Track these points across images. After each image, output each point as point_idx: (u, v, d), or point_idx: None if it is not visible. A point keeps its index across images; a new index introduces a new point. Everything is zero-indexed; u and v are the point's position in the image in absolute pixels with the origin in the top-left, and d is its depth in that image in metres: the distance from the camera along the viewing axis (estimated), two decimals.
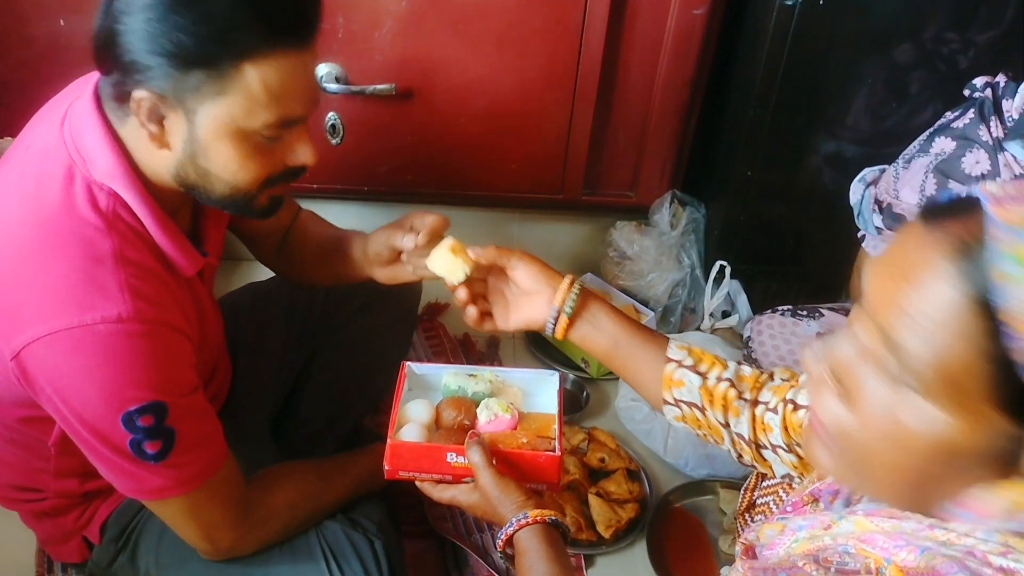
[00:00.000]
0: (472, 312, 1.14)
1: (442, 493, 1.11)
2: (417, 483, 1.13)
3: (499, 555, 1.04)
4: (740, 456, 1.07)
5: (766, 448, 1.03)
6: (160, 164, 0.98)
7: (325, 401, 1.50)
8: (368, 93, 1.77)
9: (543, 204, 2.06)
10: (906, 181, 1.39)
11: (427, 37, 1.75)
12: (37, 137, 1.02)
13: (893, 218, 1.41)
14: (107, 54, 0.92)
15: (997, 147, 1.29)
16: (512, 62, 1.79)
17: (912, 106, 1.70)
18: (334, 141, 1.85)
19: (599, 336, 1.10)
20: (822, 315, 1.66)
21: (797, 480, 1.03)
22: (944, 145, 1.35)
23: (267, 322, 1.47)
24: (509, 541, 1.03)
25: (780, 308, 1.72)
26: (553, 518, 1.03)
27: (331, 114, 1.81)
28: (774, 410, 1.01)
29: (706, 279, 1.95)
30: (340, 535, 1.19)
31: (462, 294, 1.13)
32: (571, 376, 1.82)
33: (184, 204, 1.09)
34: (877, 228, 1.45)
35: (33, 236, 0.94)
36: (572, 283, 1.10)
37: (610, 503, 1.55)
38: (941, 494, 0.63)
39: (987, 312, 0.55)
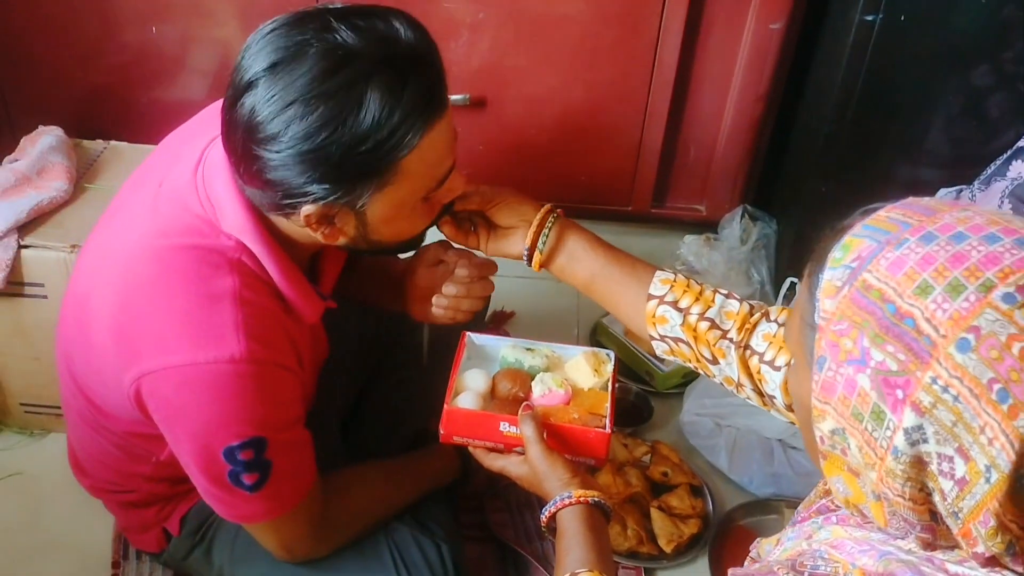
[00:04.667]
0: (448, 227, 1.14)
1: (493, 462, 1.12)
2: (470, 449, 1.15)
3: (542, 529, 1.06)
4: (738, 390, 1.06)
5: (769, 397, 1.03)
6: (325, 241, 0.99)
7: (393, 404, 1.53)
8: None
9: (611, 216, 2.06)
10: (982, 204, 1.35)
11: (501, 48, 1.77)
12: (175, 172, 1.04)
13: None
14: (257, 177, 0.91)
15: None
16: (585, 74, 1.81)
17: (991, 128, 1.66)
18: None
19: (577, 268, 1.10)
20: None
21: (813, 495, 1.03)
22: (1022, 169, 1.31)
23: (341, 328, 1.50)
24: (552, 518, 1.03)
25: None
26: (596, 499, 1.03)
27: None
28: (773, 365, 1.00)
29: (776, 296, 1.93)
30: (408, 539, 1.21)
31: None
32: (635, 388, 1.82)
33: (306, 258, 1.10)
34: None
35: (156, 272, 0.97)
36: (547, 215, 1.09)
37: (672, 518, 1.54)
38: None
39: (813, 286, 0.65)
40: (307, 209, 0.92)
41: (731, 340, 1.03)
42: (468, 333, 1.24)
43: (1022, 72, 1.59)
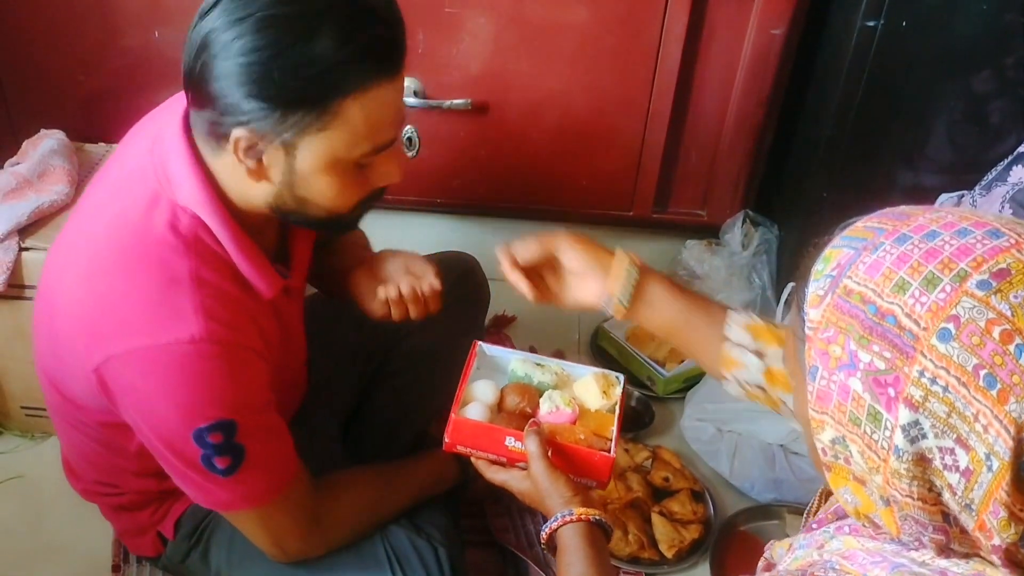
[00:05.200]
0: (524, 288, 1.12)
1: (495, 475, 1.12)
2: (472, 460, 1.14)
3: (541, 546, 1.05)
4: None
5: None
6: (255, 194, 1.00)
7: (392, 407, 1.53)
8: (445, 107, 1.80)
9: (613, 221, 2.06)
10: (983, 209, 1.35)
11: (503, 53, 1.77)
12: (131, 156, 1.06)
13: None
14: (201, 95, 0.93)
15: None
16: (586, 79, 1.81)
17: (993, 133, 1.66)
18: (410, 154, 1.88)
19: (656, 316, 1.09)
20: None
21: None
22: (1022, 174, 1.31)
23: (338, 330, 1.50)
24: (552, 535, 1.03)
25: None
26: (597, 517, 1.02)
27: (408, 127, 1.85)
28: None
29: (777, 301, 1.93)
30: (405, 541, 1.21)
31: (518, 281, 1.12)
32: (636, 393, 1.82)
33: (270, 224, 1.11)
34: None
35: (115, 257, 0.98)
36: (623, 263, 1.08)
37: (673, 523, 1.54)
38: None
39: (801, 301, 0.66)
40: (237, 132, 0.92)
41: None
42: (479, 343, 1.24)
43: (1023, 77, 1.59)
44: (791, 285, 1.88)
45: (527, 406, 1.16)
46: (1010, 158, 1.36)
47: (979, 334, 0.57)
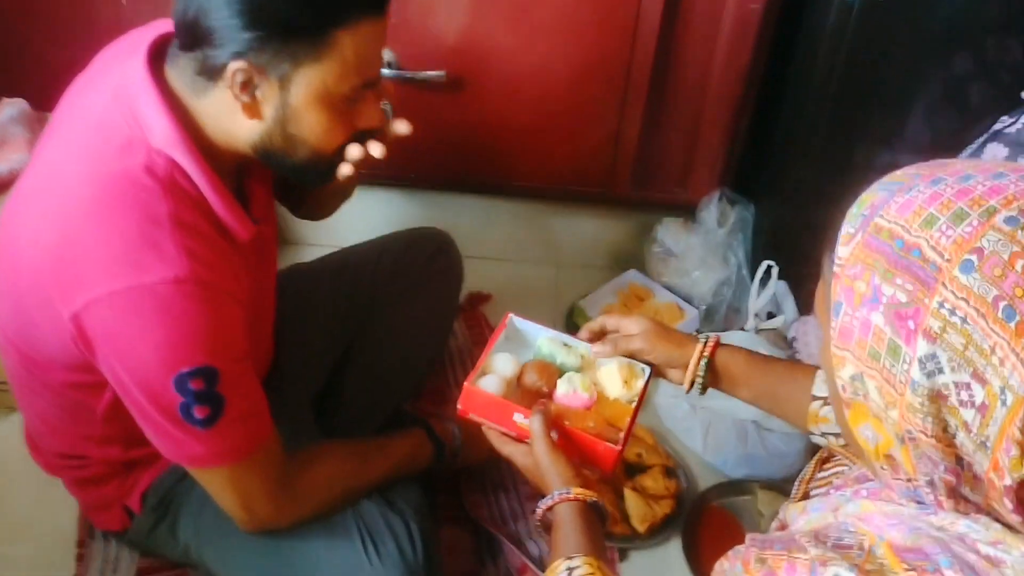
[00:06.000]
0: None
1: (502, 447, 1.15)
2: (484, 429, 1.17)
3: (536, 523, 1.07)
4: None
5: None
6: (241, 132, 1.01)
7: (366, 384, 1.52)
8: (419, 80, 1.78)
9: (590, 198, 2.05)
10: None
11: (479, 25, 1.75)
12: (90, 106, 1.04)
13: None
14: (195, 29, 0.95)
15: None
16: (563, 53, 1.79)
17: (973, 114, 1.66)
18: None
19: (738, 391, 1.15)
20: None
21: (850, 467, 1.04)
22: (996, 151, 1.32)
23: (311, 303, 1.49)
24: (547, 512, 1.04)
25: None
26: (595, 500, 1.04)
27: (383, 101, 1.82)
28: None
29: (752, 279, 1.93)
30: (377, 515, 1.20)
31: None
32: None
33: (231, 172, 1.10)
34: None
35: (92, 201, 0.96)
36: (700, 358, 1.14)
37: (646, 498, 1.54)
38: (857, 442, 0.69)
39: (833, 242, 0.68)
40: (235, 65, 0.94)
41: None
42: (511, 315, 1.25)
43: (1003, 58, 1.59)
44: (767, 264, 1.88)
45: (544, 385, 1.16)
46: (985, 135, 1.37)
47: (1001, 266, 0.57)
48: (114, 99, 1.01)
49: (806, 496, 1.28)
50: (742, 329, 1.90)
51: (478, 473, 1.57)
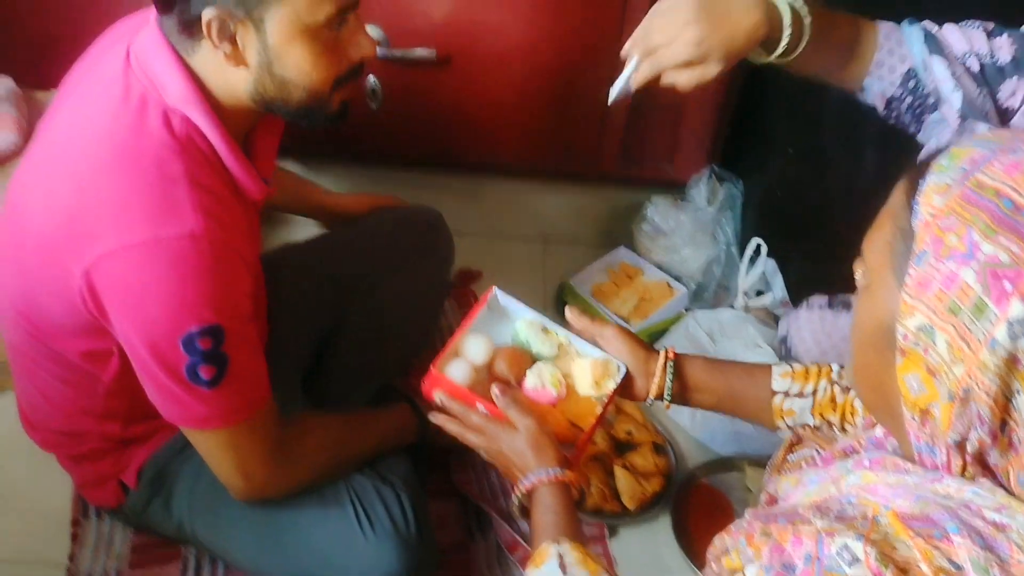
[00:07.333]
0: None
1: (465, 435, 1.10)
2: (442, 420, 1.12)
3: (515, 497, 1.05)
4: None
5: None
6: (238, 84, 1.02)
7: (355, 360, 1.52)
8: (409, 59, 1.77)
9: (579, 175, 2.05)
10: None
11: (469, 2, 1.74)
12: (100, 74, 1.06)
13: None
14: None
15: None
16: (552, 28, 1.78)
17: None
18: (373, 105, 1.85)
19: (703, 399, 1.14)
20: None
21: (838, 434, 1.05)
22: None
23: (301, 280, 1.49)
24: (532, 489, 1.03)
25: (815, 301, 1.67)
26: (577, 486, 1.05)
27: (371, 78, 1.81)
28: None
29: (741, 257, 1.94)
30: (369, 487, 1.22)
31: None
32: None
33: (241, 132, 1.11)
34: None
35: (109, 157, 0.98)
36: (665, 366, 1.12)
37: (636, 475, 1.56)
38: (889, 394, 0.69)
39: (913, 193, 0.66)
40: (207, 14, 0.94)
41: (843, 389, 1.07)
42: (496, 289, 1.20)
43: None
44: (756, 241, 1.89)
45: (513, 376, 1.12)
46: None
47: None
48: (126, 64, 1.02)
49: (783, 462, 1.30)
50: (731, 307, 1.92)
51: (467, 450, 1.58)
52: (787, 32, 0.99)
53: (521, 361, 1.14)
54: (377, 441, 1.28)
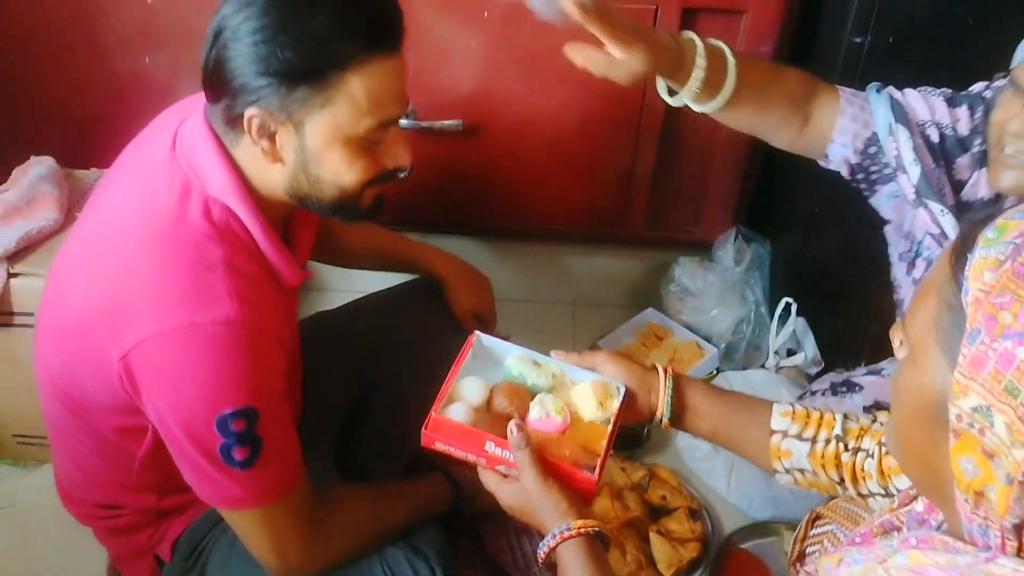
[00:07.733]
0: None
1: (487, 479, 1.07)
2: (467, 463, 1.09)
3: (539, 566, 1.02)
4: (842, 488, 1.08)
5: (868, 496, 1.03)
6: (274, 179, 1.05)
7: (386, 429, 1.52)
8: (437, 129, 1.81)
9: (605, 238, 2.06)
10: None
11: (494, 75, 1.78)
12: (147, 158, 1.09)
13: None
14: (217, 81, 0.99)
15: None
16: (576, 99, 1.81)
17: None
18: (402, 175, 1.88)
19: (700, 423, 1.12)
20: (861, 387, 1.59)
21: (864, 514, 1.02)
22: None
23: (332, 350, 1.50)
24: (551, 553, 0.99)
25: (816, 389, 1.63)
26: (596, 529, 0.99)
27: None
28: (871, 454, 1.01)
29: (771, 316, 1.93)
30: (401, 560, 1.20)
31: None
32: None
33: (279, 221, 1.14)
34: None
35: (149, 245, 1.01)
36: (665, 384, 1.11)
37: (672, 542, 1.53)
38: (938, 472, 0.67)
39: (959, 267, 0.64)
40: (250, 112, 0.97)
41: (850, 451, 1.05)
42: (478, 333, 1.18)
43: None
44: (785, 300, 1.88)
45: (515, 410, 1.08)
46: None
47: None
48: (171, 151, 1.06)
49: (802, 555, 1.26)
50: (762, 367, 1.90)
51: (499, 518, 1.56)
52: (701, 63, 1.10)
53: (520, 394, 1.10)
54: (410, 512, 1.27)
